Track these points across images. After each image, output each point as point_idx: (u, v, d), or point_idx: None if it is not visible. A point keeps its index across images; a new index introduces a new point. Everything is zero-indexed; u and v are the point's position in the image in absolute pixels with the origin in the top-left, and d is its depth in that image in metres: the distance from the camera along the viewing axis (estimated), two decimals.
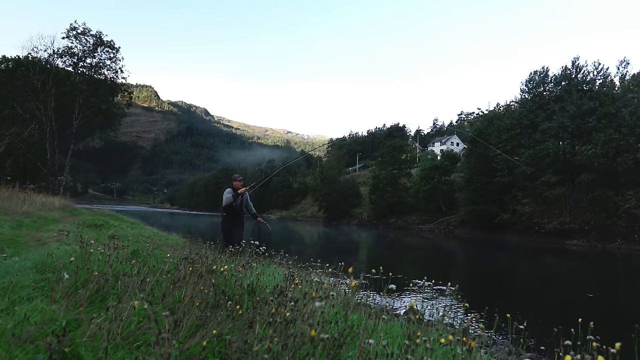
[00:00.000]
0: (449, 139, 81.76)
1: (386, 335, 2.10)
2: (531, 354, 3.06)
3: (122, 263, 2.77)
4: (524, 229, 31.96)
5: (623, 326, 2.20)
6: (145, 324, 1.62)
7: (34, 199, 11.54)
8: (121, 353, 1.41)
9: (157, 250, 4.08)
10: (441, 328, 2.58)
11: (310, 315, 1.49)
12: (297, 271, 4.01)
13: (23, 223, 6.98)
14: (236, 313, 1.70)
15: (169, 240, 7.22)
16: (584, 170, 30.16)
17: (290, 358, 1.27)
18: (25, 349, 1.34)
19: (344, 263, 3.09)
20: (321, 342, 1.27)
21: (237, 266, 2.76)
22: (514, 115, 37.90)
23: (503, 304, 3.66)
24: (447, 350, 1.80)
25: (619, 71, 35.08)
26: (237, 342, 1.36)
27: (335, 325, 1.61)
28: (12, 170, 18.49)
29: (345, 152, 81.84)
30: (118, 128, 39.81)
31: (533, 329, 2.30)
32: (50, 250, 3.55)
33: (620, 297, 10.89)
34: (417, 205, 46.43)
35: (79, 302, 1.95)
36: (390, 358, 1.43)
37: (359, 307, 2.53)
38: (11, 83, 29.17)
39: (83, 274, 2.26)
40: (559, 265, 19.16)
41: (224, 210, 6.92)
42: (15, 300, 1.97)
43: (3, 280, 2.29)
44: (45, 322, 1.60)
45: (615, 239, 26.88)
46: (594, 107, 30.70)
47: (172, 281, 2.21)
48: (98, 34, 30.88)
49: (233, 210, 6.82)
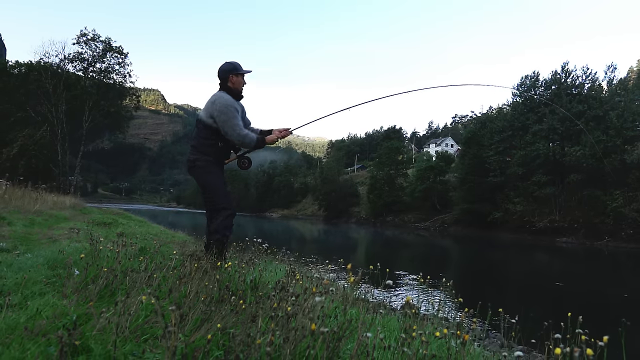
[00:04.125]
0: (444, 141, 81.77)
1: (383, 328, 2.10)
2: (522, 347, 3.06)
3: (130, 260, 2.77)
4: (515, 227, 31.97)
5: (610, 320, 2.20)
6: (153, 318, 1.62)
7: (45, 198, 11.53)
8: (129, 346, 1.41)
9: (163, 248, 4.07)
10: (436, 322, 2.58)
11: (311, 309, 1.49)
12: (298, 267, 4.01)
13: (35, 221, 6.98)
14: (240, 307, 1.70)
15: (175, 237, 7.22)
16: (573, 171, 30.18)
17: (291, 351, 1.27)
18: (38, 341, 1.34)
19: (343, 259, 3.09)
20: (321, 335, 1.27)
21: (240, 263, 2.76)
22: (506, 118, 37.89)
23: (496, 299, 3.66)
24: (442, 343, 1.80)
25: (606, 76, 35.13)
26: (240, 336, 1.36)
27: (334, 319, 1.61)
28: (25, 170, 18.49)
29: (344, 154, 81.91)
30: (126, 130, 39.90)
31: (524, 322, 2.30)
32: (62, 248, 3.55)
33: (607, 292, 10.88)
34: (413, 204, 46.45)
35: (89, 297, 1.95)
36: (388, 351, 1.43)
37: (358, 301, 2.53)
38: (24, 87, 29.22)
39: (93, 270, 2.26)
40: (549, 262, 19.16)
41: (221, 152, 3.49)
42: (28, 295, 1.97)
43: (16, 276, 2.29)
44: (56, 316, 1.60)
45: (603, 237, 26.87)
46: (582, 110, 30.71)
47: (178, 277, 2.21)
48: (107, 40, 30.98)
49: (227, 149, 3.54)
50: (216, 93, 3.48)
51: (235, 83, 3.49)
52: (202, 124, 3.45)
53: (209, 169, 3.44)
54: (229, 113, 3.33)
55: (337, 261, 3.36)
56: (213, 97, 3.46)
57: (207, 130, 3.42)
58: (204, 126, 3.43)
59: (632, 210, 26.28)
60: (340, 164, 68.52)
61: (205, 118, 3.41)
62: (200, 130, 3.47)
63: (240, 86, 3.51)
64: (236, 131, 3.35)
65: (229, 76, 3.47)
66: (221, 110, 3.32)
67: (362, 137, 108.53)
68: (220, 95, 3.42)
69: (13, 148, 21.03)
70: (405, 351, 1.29)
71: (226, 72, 3.47)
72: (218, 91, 3.51)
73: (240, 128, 3.38)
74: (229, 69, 3.48)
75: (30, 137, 22.11)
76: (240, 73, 3.49)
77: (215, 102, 3.38)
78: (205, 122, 3.41)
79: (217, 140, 3.43)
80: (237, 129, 3.35)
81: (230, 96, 3.44)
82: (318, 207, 62.69)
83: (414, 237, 31.78)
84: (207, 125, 3.41)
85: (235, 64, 3.51)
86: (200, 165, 3.43)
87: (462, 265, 17.34)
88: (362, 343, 1.29)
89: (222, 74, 3.48)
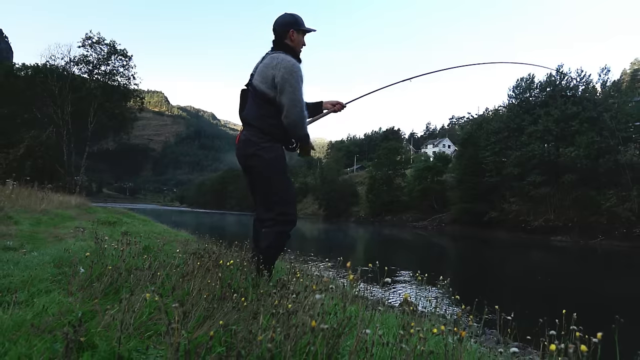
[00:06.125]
0: (441, 142, 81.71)
1: (382, 325, 2.10)
2: (518, 343, 3.06)
3: (135, 258, 2.76)
4: (511, 226, 31.99)
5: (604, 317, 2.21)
6: (156, 315, 1.62)
7: (51, 197, 11.52)
8: (134, 342, 1.41)
9: (167, 246, 4.07)
10: (434, 319, 2.59)
11: (311, 307, 1.49)
12: (298, 265, 4.01)
13: (42, 220, 6.97)
14: (241, 305, 1.70)
15: (179, 236, 7.21)
16: (568, 171, 30.19)
17: (292, 347, 1.27)
18: (44, 338, 1.34)
19: (342, 258, 3.09)
20: (321, 332, 1.27)
21: (242, 261, 2.76)
22: (502, 119, 37.93)
23: (492, 296, 3.66)
24: (439, 340, 1.80)
25: (600, 78, 35.14)
26: (242, 332, 1.36)
27: (334, 316, 1.61)
28: (32, 170, 18.47)
29: (343, 154, 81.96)
30: (130, 131, 39.88)
31: (520, 319, 2.30)
32: (67, 246, 3.54)
33: (601, 290, 10.88)
34: (411, 203, 46.48)
35: (94, 295, 1.95)
36: (386, 347, 1.43)
37: (357, 299, 2.54)
38: (31, 89, 29.24)
39: (98, 268, 2.26)
40: (544, 260, 19.16)
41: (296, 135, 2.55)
42: (34, 293, 1.97)
43: (23, 274, 2.29)
44: (62, 314, 1.60)
45: (597, 235, 26.88)
46: (577, 112, 30.73)
47: (181, 275, 2.21)
48: (112, 43, 30.95)
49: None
50: (273, 54, 2.55)
51: (295, 41, 2.59)
52: (259, 95, 2.50)
53: (279, 159, 2.52)
54: (294, 82, 2.42)
55: (337, 259, 3.36)
56: (271, 58, 2.52)
57: (268, 104, 2.48)
58: (262, 98, 2.49)
59: (625, 209, 26.29)
60: (340, 165, 68.56)
61: (265, 86, 2.47)
62: (259, 105, 2.52)
63: (299, 47, 2.63)
64: (299, 108, 2.43)
65: (290, 31, 2.57)
66: (288, 74, 2.41)
67: (361, 138, 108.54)
68: (283, 56, 2.49)
69: (20, 149, 21.01)
70: (403, 347, 1.29)
71: (286, 25, 2.58)
72: (273, 52, 2.58)
73: (304, 106, 2.48)
74: (291, 21, 2.59)
75: (36, 138, 22.10)
76: (303, 30, 2.62)
77: (279, 64, 2.45)
78: (265, 91, 2.48)
79: (280, 119, 2.47)
80: (300, 106, 2.44)
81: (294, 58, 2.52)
82: (318, 207, 62.68)
83: (412, 236, 31.77)
84: (266, 96, 2.47)
85: (298, 17, 2.62)
86: (264, 152, 2.48)
87: (459, 263, 17.34)
88: (361, 339, 1.30)
89: (280, 27, 2.58)
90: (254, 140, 2.51)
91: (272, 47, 2.62)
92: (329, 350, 1.32)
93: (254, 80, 2.55)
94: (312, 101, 2.87)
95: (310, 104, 2.80)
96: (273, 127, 2.49)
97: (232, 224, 32.30)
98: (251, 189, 2.70)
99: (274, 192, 2.53)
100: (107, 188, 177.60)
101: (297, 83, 2.43)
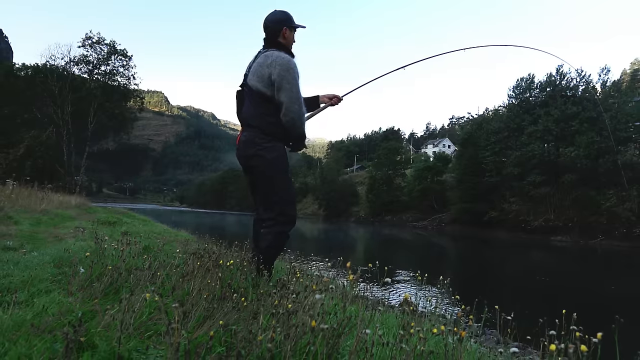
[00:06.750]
0: (441, 142, 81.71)
1: (382, 325, 2.09)
2: (518, 343, 3.06)
3: (135, 258, 2.76)
4: (511, 226, 31.98)
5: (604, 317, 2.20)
6: (156, 315, 1.62)
7: (51, 197, 11.51)
8: (134, 342, 1.41)
9: (167, 246, 4.07)
10: (433, 319, 2.58)
11: (311, 306, 1.49)
12: (298, 265, 4.00)
13: (42, 220, 6.97)
14: (241, 305, 1.70)
15: (179, 236, 7.21)
16: (568, 171, 30.19)
17: (292, 347, 1.26)
18: (44, 338, 1.34)
19: (342, 258, 3.09)
20: (321, 332, 1.27)
21: (242, 261, 2.76)
22: (502, 119, 37.92)
23: (492, 296, 3.66)
24: (439, 340, 1.80)
25: (600, 78, 35.12)
26: (242, 332, 1.36)
27: (334, 316, 1.61)
28: (32, 170, 18.47)
29: (343, 154, 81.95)
30: (130, 131, 39.88)
31: (520, 319, 2.30)
32: (67, 246, 3.54)
33: (601, 290, 10.88)
34: (410, 203, 46.47)
35: (94, 295, 1.95)
36: (386, 347, 1.43)
37: (357, 299, 2.53)
38: (31, 89, 29.24)
39: (98, 268, 2.26)
40: (544, 260, 19.15)
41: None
42: (34, 293, 1.97)
43: (23, 274, 2.29)
44: (62, 313, 1.60)
45: (596, 235, 26.88)
46: (577, 112, 30.72)
47: (181, 275, 2.21)
48: (112, 43, 30.95)
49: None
50: (266, 52, 2.51)
51: (288, 39, 2.56)
52: (256, 95, 2.47)
53: (281, 158, 2.49)
54: (292, 79, 2.39)
55: (337, 259, 3.36)
56: (265, 57, 2.48)
57: (266, 102, 2.45)
58: (260, 97, 2.46)
59: (625, 209, 26.29)
60: (340, 165, 68.54)
61: (262, 85, 2.43)
62: (257, 104, 2.48)
63: (291, 44, 2.60)
64: (297, 105, 2.40)
65: (283, 29, 2.53)
66: (285, 71, 2.38)
67: (361, 138, 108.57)
68: (277, 53, 2.46)
69: (20, 149, 21.01)
70: (403, 347, 1.29)
71: (279, 22, 2.53)
72: (266, 50, 2.54)
73: (303, 103, 2.46)
74: (283, 18, 2.54)
75: (36, 138, 22.10)
76: (294, 27, 2.58)
77: (274, 61, 2.41)
78: (262, 90, 2.44)
79: (279, 117, 2.44)
80: (299, 103, 2.41)
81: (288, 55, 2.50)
82: (318, 207, 62.66)
83: (412, 236, 31.77)
84: (263, 95, 2.44)
85: (289, 14, 2.58)
86: (266, 152, 2.45)
87: (459, 263, 17.34)
88: (361, 339, 1.29)
89: (273, 25, 2.53)
90: (255, 141, 2.49)
91: (264, 45, 2.59)
92: (329, 350, 1.32)
93: (249, 80, 2.53)
94: (308, 96, 2.85)
95: (307, 98, 2.78)
96: (273, 126, 2.47)
97: (232, 224, 32.30)
98: (252, 189, 2.71)
99: (275, 192, 2.52)
100: (107, 188, 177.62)
101: (294, 80, 2.40)
